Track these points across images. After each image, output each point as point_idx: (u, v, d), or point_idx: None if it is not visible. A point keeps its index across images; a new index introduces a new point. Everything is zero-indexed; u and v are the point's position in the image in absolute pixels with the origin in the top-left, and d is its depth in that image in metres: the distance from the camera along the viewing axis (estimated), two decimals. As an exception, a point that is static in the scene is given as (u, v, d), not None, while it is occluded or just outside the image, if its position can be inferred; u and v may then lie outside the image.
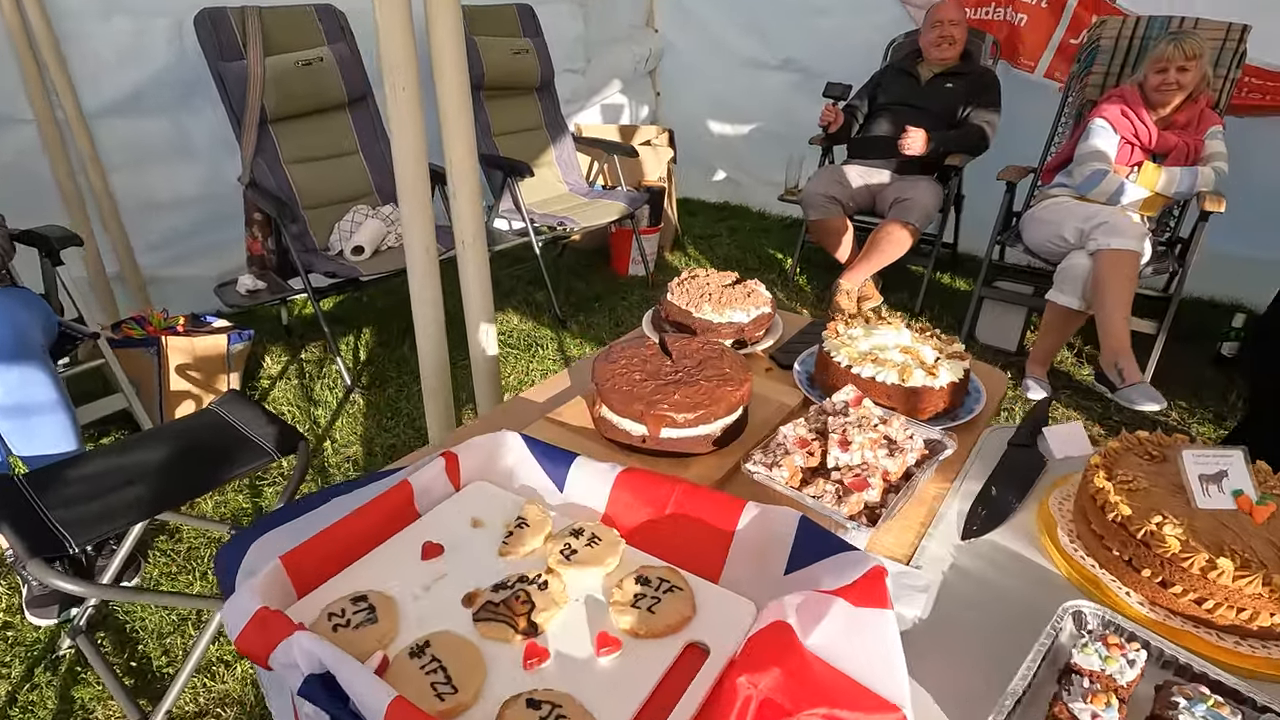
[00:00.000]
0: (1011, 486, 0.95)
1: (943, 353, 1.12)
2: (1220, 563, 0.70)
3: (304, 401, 2.65)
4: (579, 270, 4.00)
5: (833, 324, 1.21)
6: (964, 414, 1.09)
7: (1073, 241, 2.76)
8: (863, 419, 0.90)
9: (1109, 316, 2.59)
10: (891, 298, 3.73)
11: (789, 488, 0.85)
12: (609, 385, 1.01)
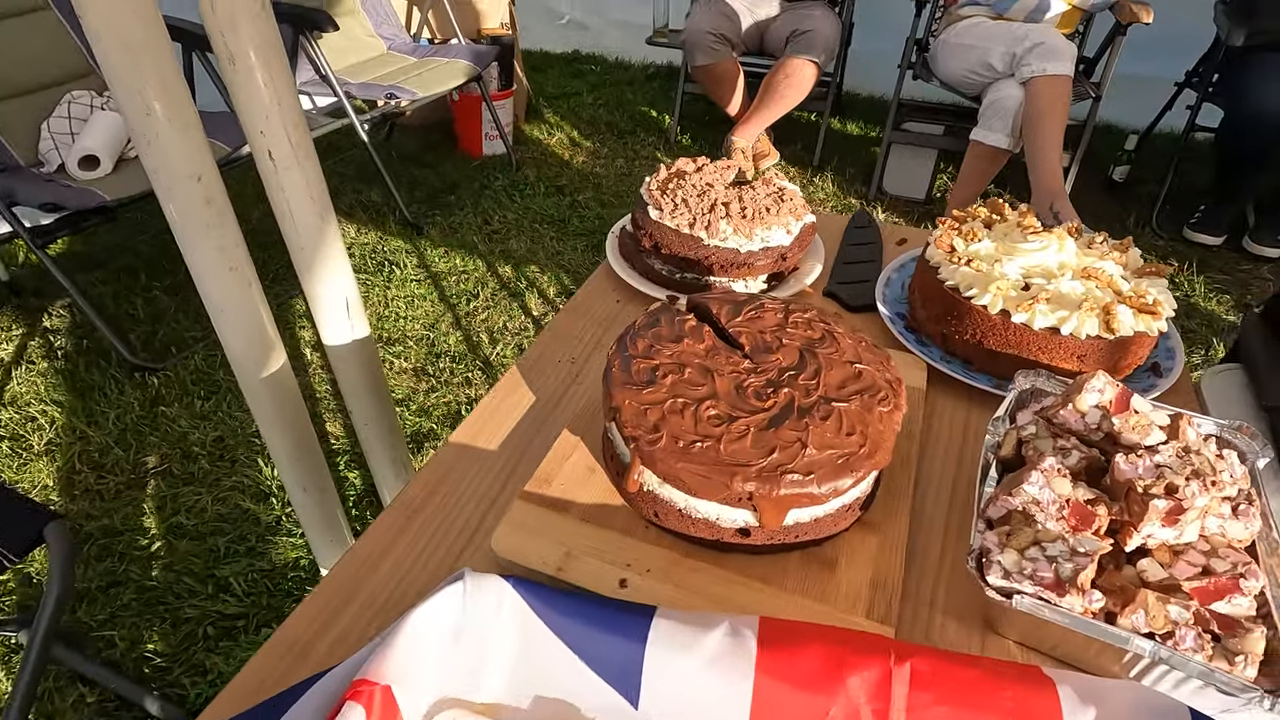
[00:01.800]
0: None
1: (1133, 270, 0.71)
2: None
3: (64, 395, 1.84)
4: (418, 155, 3.17)
5: (942, 238, 0.75)
6: (1169, 363, 0.71)
7: (1001, 69, 2.44)
8: (1192, 452, 0.48)
9: (1044, 154, 2.36)
10: (785, 151, 3.32)
11: (1101, 626, 0.43)
12: (661, 443, 0.50)
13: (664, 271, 0.83)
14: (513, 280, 2.32)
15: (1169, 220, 2.80)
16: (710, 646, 0.43)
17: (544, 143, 3.34)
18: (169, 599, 1.35)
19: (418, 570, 0.54)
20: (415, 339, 2.04)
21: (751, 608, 0.50)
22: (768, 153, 3.21)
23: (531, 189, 2.88)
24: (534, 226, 2.62)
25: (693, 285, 0.82)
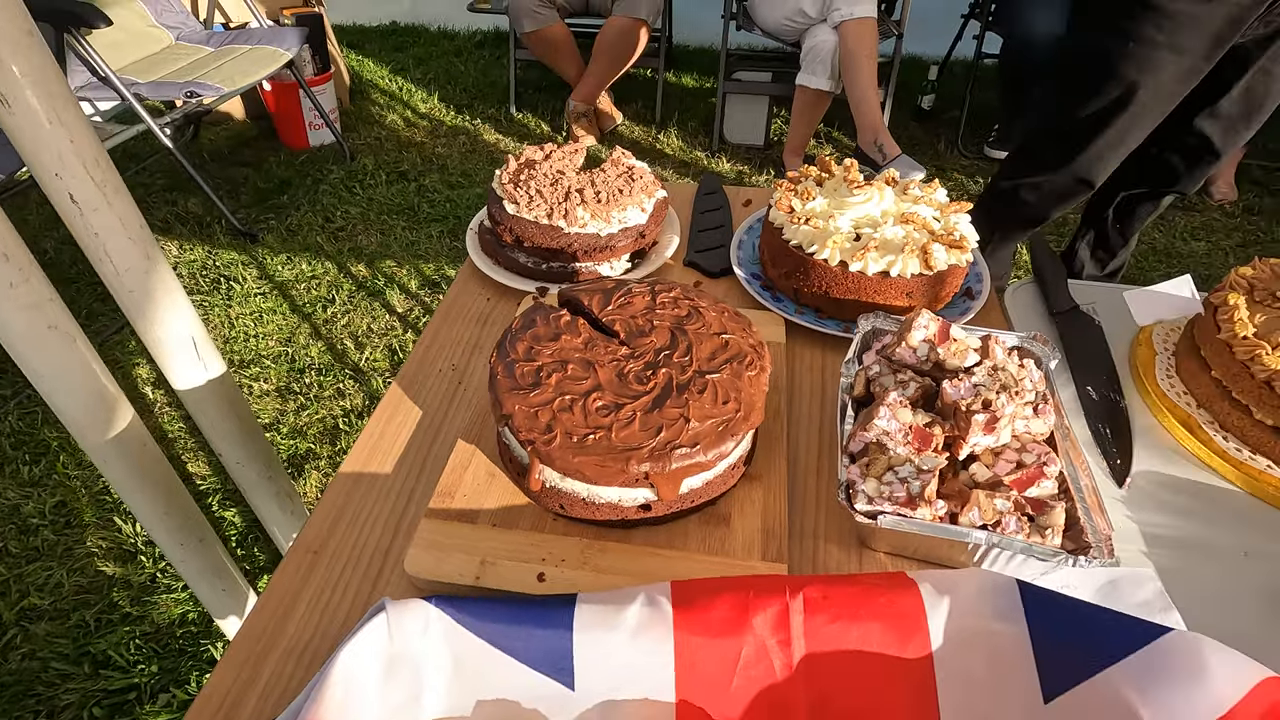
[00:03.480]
0: (1100, 378, 0.72)
1: (940, 209, 0.81)
2: None
3: None
4: (236, 154, 2.90)
5: (781, 200, 0.82)
6: (978, 285, 0.82)
7: (814, 15, 2.59)
8: (1003, 371, 0.57)
9: (862, 93, 2.55)
10: (627, 110, 3.35)
11: (950, 529, 0.51)
12: (556, 441, 0.53)
13: (529, 264, 0.84)
14: (369, 279, 2.21)
15: (971, 140, 3.13)
16: (631, 619, 0.47)
17: (376, 126, 3.15)
18: (39, 689, 1.22)
19: (334, 607, 0.54)
20: (272, 357, 1.91)
21: (663, 575, 0.54)
22: (611, 113, 3.22)
23: (372, 178, 2.73)
24: (381, 218, 2.49)
25: (559, 273, 0.84)
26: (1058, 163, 1.53)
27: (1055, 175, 1.56)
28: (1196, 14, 1.27)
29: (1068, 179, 1.56)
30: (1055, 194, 1.62)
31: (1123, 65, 1.34)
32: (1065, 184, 1.58)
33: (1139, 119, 1.41)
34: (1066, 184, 1.58)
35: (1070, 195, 1.61)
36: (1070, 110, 1.45)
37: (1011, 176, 1.65)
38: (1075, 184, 1.57)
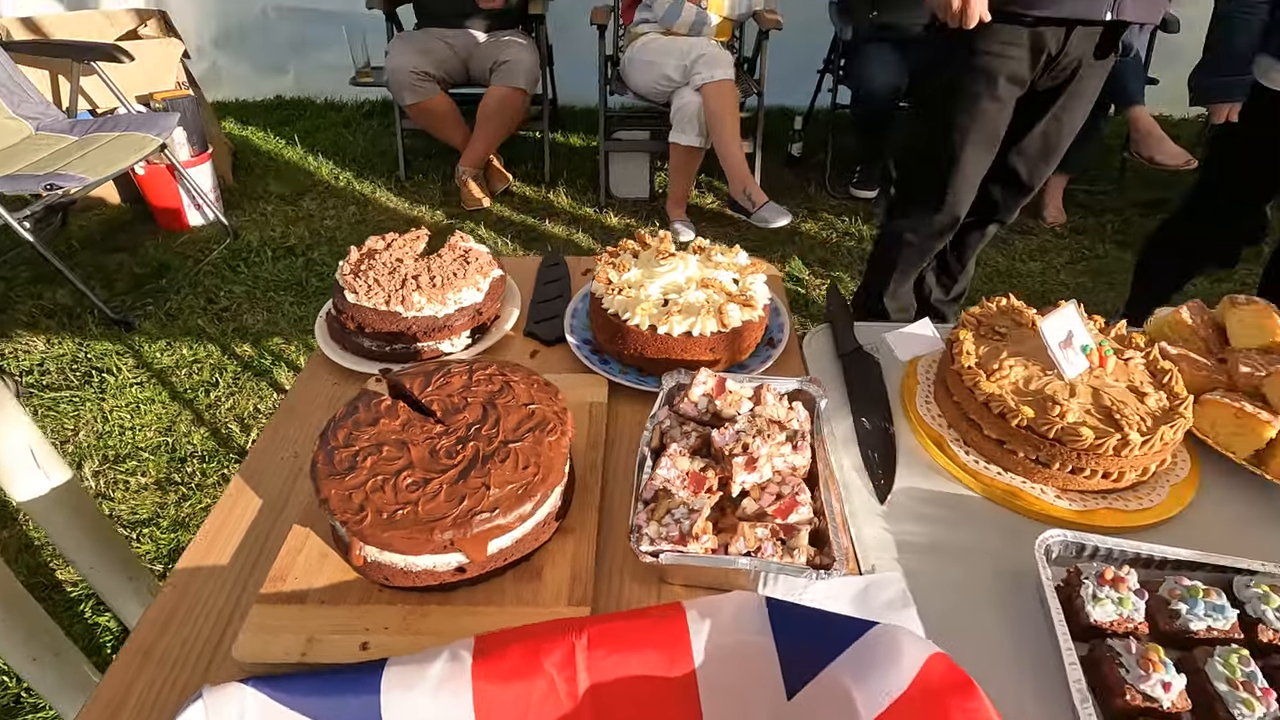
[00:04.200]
0: (875, 409, 0.84)
1: (739, 270, 0.93)
2: (1132, 437, 0.67)
3: None
4: (109, 240, 2.81)
5: (601, 273, 0.91)
6: (779, 334, 0.94)
7: (678, 80, 2.79)
8: (759, 418, 0.67)
9: (727, 148, 2.75)
10: (517, 171, 3.47)
11: (717, 558, 0.60)
12: (368, 520, 0.58)
13: (373, 347, 0.90)
14: (255, 358, 2.19)
15: (838, 182, 3.40)
16: (434, 675, 0.52)
17: (262, 202, 3.13)
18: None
19: (160, 706, 0.57)
20: (150, 449, 1.85)
21: (478, 630, 0.60)
22: (500, 177, 3.33)
23: (257, 255, 2.71)
24: (268, 295, 2.47)
25: (401, 354, 0.90)
26: (930, 206, 1.74)
27: (930, 217, 1.77)
28: (991, 67, 1.50)
29: (942, 218, 1.77)
30: (933, 233, 1.83)
31: (959, 111, 1.56)
32: (941, 223, 1.79)
33: (979, 158, 1.64)
34: (941, 222, 1.79)
35: (945, 231, 1.82)
36: (931, 157, 1.67)
37: (894, 227, 1.85)
38: (948, 221, 1.78)
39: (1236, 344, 0.85)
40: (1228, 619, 0.59)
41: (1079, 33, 1.46)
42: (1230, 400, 0.76)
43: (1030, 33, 1.45)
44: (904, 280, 1.96)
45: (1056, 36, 1.46)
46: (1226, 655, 0.55)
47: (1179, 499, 0.73)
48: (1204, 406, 0.78)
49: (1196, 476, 0.76)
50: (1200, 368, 0.82)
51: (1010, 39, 1.46)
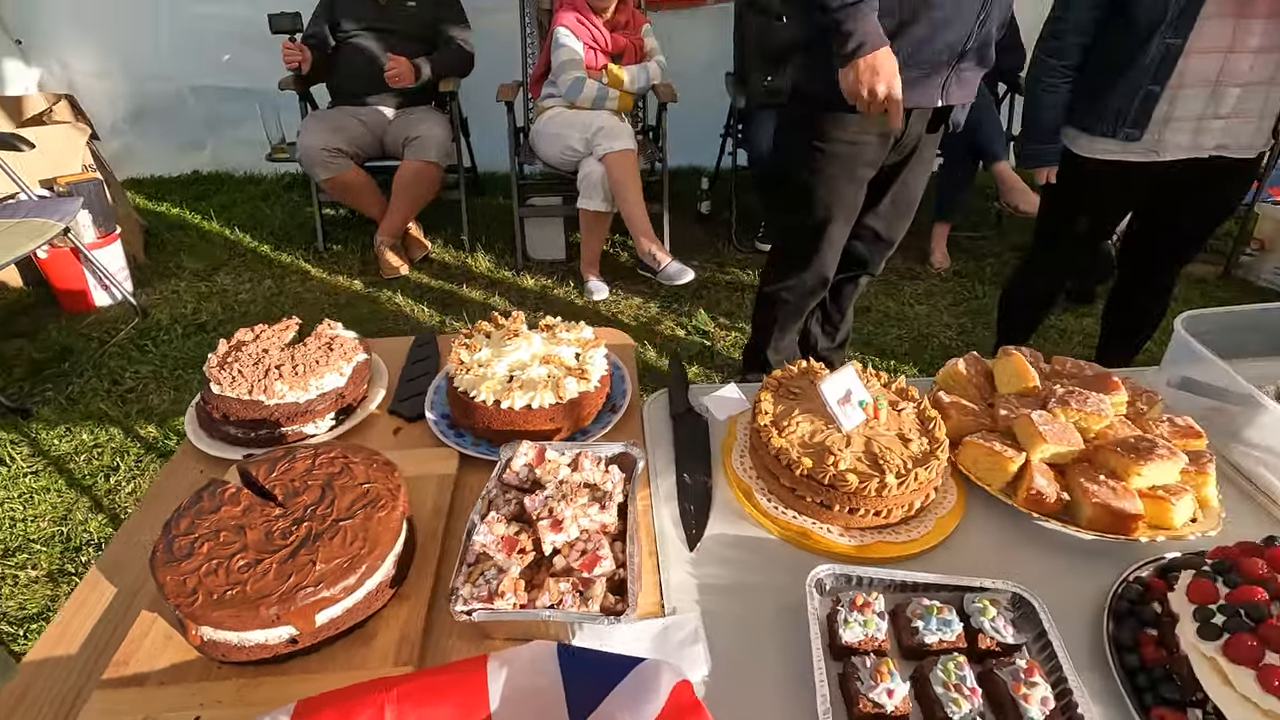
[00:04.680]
0: (698, 465, 0.95)
1: (582, 345, 1.03)
2: (889, 480, 0.79)
3: None
4: (9, 325, 2.77)
5: (455, 354, 1.01)
6: (621, 400, 1.04)
7: (581, 150, 2.96)
8: (563, 483, 0.76)
9: (631, 212, 2.91)
10: (437, 238, 3.56)
11: (525, 612, 0.68)
12: (199, 602, 0.65)
13: (238, 434, 0.96)
14: (159, 439, 2.18)
15: (745, 237, 3.61)
16: (252, 738, 0.58)
17: (174, 279, 3.13)
18: None
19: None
20: (43, 540, 1.82)
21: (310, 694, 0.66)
22: (420, 244, 3.42)
23: (166, 334, 2.70)
24: (176, 374, 2.47)
25: (266, 439, 0.96)
26: (801, 268, 1.91)
27: (802, 277, 1.93)
28: (847, 153, 1.68)
29: (812, 279, 1.94)
30: (806, 292, 1.99)
31: (820, 190, 1.74)
32: (812, 284, 1.96)
33: (842, 225, 1.82)
34: (812, 283, 1.96)
35: (818, 289, 2.00)
36: (799, 228, 1.85)
37: (771, 288, 2.01)
38: (818, 281, 1.95)
39: (1001, 390, 1.00)
40: (954, 631, 0.70)
41: (916, 115, 1.67)
42: (984, 440, 0.89)
43: (878, 120, 1.63)
44: (785, 335, 2.11)
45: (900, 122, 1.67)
46: (945, 663, 0.66)
47: (943, 529, 0.85)
48: (965, 447, 0.91)
49: (962, 508, 0.88)
50: (968, 413, 0.96)
51: (862, 128, 1.64)
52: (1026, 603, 0.74)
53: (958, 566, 0.82)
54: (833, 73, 1.53)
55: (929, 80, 1.58)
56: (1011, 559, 0.85)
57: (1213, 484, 0.86)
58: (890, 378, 0.98)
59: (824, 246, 1.85)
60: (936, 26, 1.48)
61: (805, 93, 1.70)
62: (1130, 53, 1.65)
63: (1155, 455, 0.83)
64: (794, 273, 1.93)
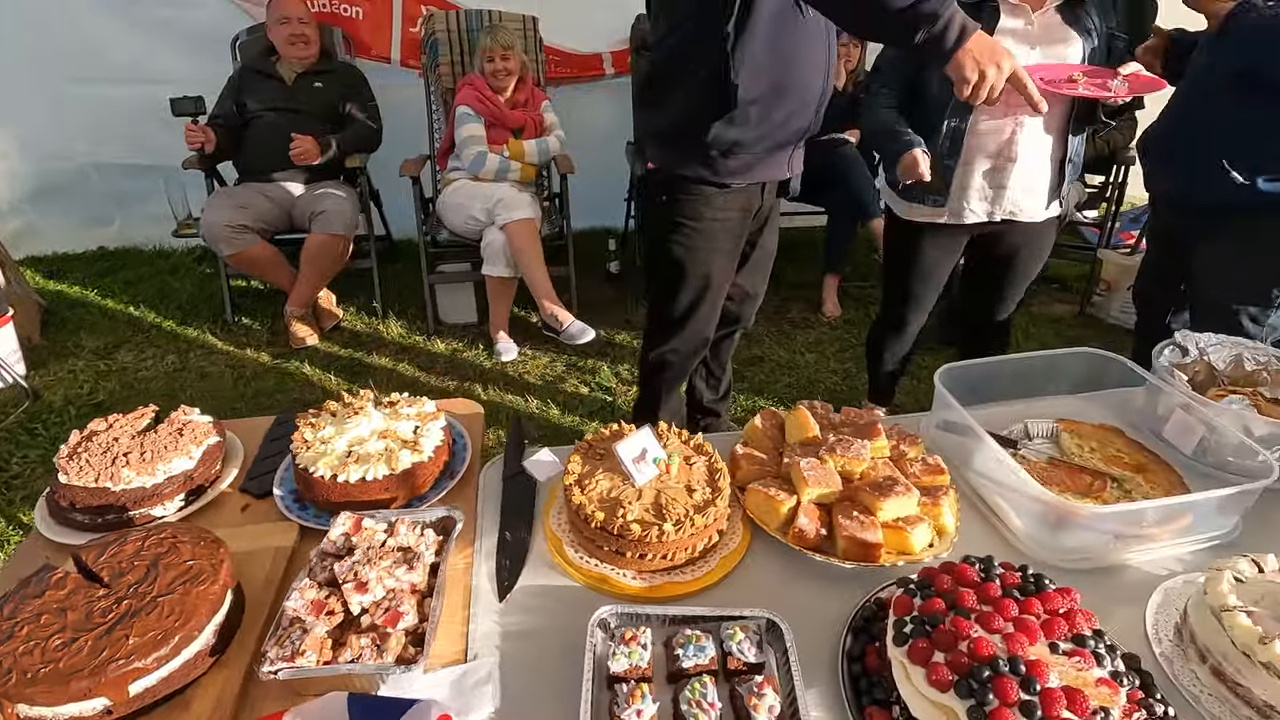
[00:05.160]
0: (520, 522, 1.05)
1: (421, 418, 1.14)
2: (666, 528, 0.92)
3: None
4: (-112, 414, 2.67)
5: (298, 431, 1.10)
6: (459, 466, 1.15)
7: (484, 220, 3.11)
8: (370, 548, 0.86)
9: (533, 276, 3.06)
10: (350, 304, 3.63)
11: (327, 667, 0.77)
12: (13, 681, 0.71)
13: (85, 520, 1.02)
14: (43, 525, 2.14)
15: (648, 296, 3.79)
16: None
17: (73, 358, 3.09)
18: None
19: None
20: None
21: (119, 761, 0.73)
22: (330, 312, 3.48)
23: (59, 416, 2.67)
24: (66, 456, 2.44)
25: (114, 523, 1.02)
26: (682, 333, 2.06)
27: (684, 340, 2.08)
28: (716, 229, 1.85)
29: (694, 341, 2.09)
30: (689, 354, 2.14)
31: (696, 265, 1.89)
32: (694, 345, 2.11)
33: (716, 294, 1.98)
34: (695, 344, 2.11)
35: (699, 350, 2.15)
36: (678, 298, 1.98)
37: (655, 350, 2.15)
38: (699, 343, 2.11)
39: (789, 440, 1.15)
40: (708, 655, 0.82)
41: (769, 187, 1.87)
42: (763, 487, 1.03)
43: (743, 196, 1.82)
44: (670, 393, 2.26)
45: (758, 193, 1.86)
46: (694, 683, 0.78)
47: (725, 567, 0.98)
48: (749, 493, 1.05)
49: (745, 547, 1.02)
50: (757, 462, 1.10)
51: (727, 204, 1.82)
52: (777, 626, 0.87)
53: (740, 598, 0.94)
54: (698, 153, 1.71)
55: (779, 157, 1.79)
56: (786, 588, 0.98)
57: (947, 512, 1.01)
58: (689, 435, 1.12)
59: (703, 312, 2.00)
60: (790, 116, 1.69)
61: (669, 175, 1.86)
62: (927, 129, 1.87)
63: (894, 492, 0.98)
64: (675, 338, 2.07)
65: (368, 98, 3.49)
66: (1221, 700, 0.80)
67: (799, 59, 1.62)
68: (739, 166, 1.70)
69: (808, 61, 1.63)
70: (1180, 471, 1.11)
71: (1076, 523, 0.97)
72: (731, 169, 1.71)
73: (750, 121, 1.64)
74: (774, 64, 1.59)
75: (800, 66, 1.63)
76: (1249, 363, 1.26)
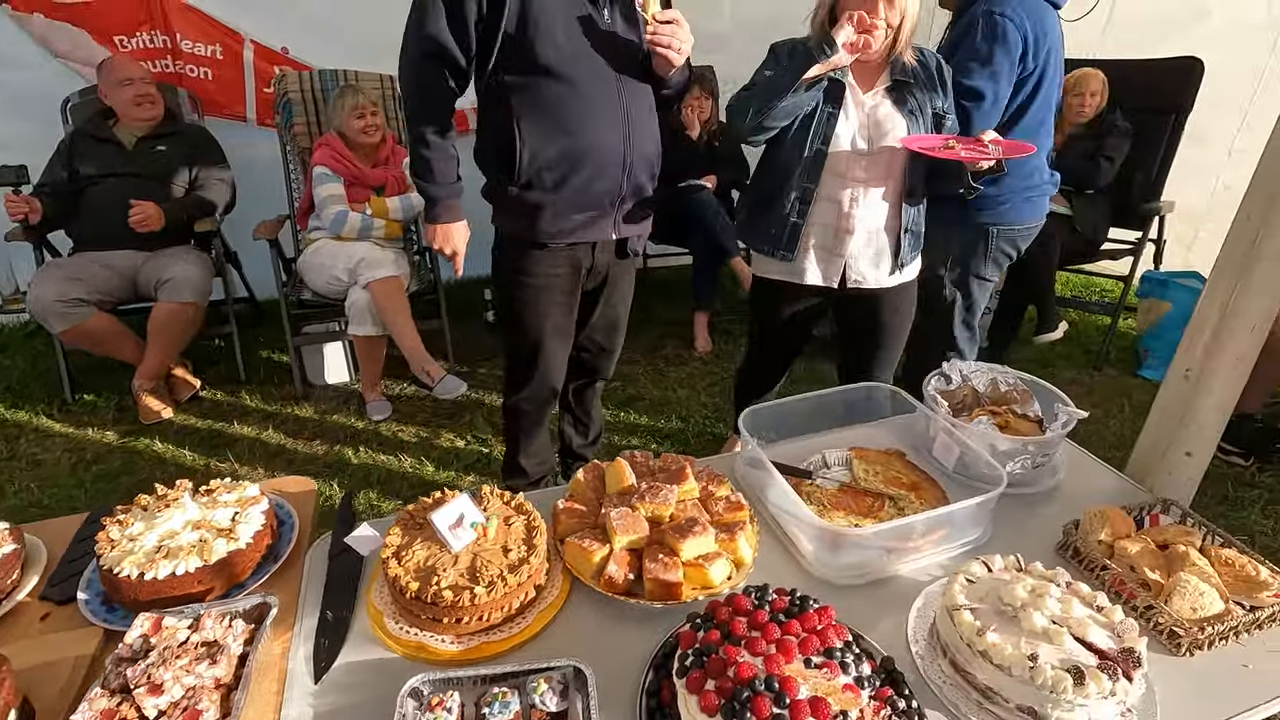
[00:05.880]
0: (343, 600, 1.07)
1: (241, 504, 1.14)
2: (477, 591, 0.97)
3: None
4: None
5: (103, 532, 1.07)
6: (284, 548, 1.15)
7: (346, 280, 3.08)
8: (167, 648, 0.86)
9: (401, 333, 3.05)
10: (208, 375, 3.45)
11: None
12: None
13: None
14: None
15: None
16: None
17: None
18: None
19: None
20: None
21: None
22: (186, 383, 3.29)
23: None
24: None
25: (-115, 652, 0.96)
26: (531, 382, 2.11)
27: (534, 389, 2.13)
28: (543, 285, 1.93)
29: (543, 390, 2.15)
30: (541, 402, 2.20)
31: (531, 317, 1.96)
32: (544, 394, 2.17)
33: (558, 344, 2.05)
34: (545, 394, 2.17)
35: (551, 400, 2.21)
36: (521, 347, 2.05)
37: (512, 400, 2.20)
38: (549, 393, 2.17)
39: (608, 491, 1.24)
40: (512, 710, 0.87)
41: (600, 246, 1.98)
42: (578, 539, 1.11)
43: (567, 256, 1.92)
44: (532, 441, 2.31)
45: (587, 253, 1.96)
46: (496, 738, 0.83)
47: (541, 621, 1.04)
48: (566, 545, 1.12)
49: (563, 600, 1.08)
50: (576, 514, 1.18)
51: (555, 263, 1.92)
52: (583, 673, 0.93)
53: (559, 649, 1.01)
54: (527, 213, 1.80)
55: (599, 220, 1.90)
56: (602, 634, 1.05)
57: (744, 545, 1.12)
58: (511, 495, 1.18)
59: (546, 363, 2.08)
60: (589, 180, 1.80)
61: (504, 231, 1.95)
62: (778, 186, 1.92)
63: (693, 532, 1.08)
64: (525, 386, 2.14)
65: (217, 159, 3.39)
66: (958, 687, 0.94)
67: (589, 126, 1.74)
68: (553, 230, 1.81)
69: (601, 128, 1.75)
70: (945, 487, 1.29)
71: (849, 543, 1.10)
72: (547, 231, 1.82)
73: (546, 187, 1.75)
74: (560, 133, 1.72)
75: (591, 134, 1.74)
76: (1002, 384, 1.47)
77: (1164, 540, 1.14)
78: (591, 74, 1.70)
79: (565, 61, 1.65)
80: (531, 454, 2.33)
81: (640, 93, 1.81)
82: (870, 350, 2.20)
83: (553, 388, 2.17)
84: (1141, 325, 3.67)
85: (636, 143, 1.81)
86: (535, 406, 2.20)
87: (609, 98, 1.74)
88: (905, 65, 1.82)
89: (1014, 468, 1.29)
